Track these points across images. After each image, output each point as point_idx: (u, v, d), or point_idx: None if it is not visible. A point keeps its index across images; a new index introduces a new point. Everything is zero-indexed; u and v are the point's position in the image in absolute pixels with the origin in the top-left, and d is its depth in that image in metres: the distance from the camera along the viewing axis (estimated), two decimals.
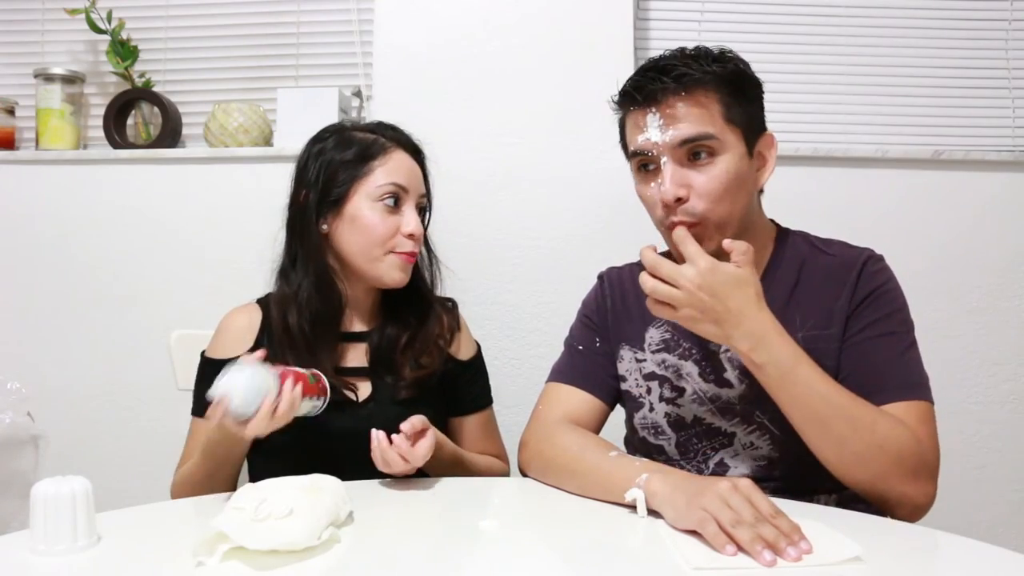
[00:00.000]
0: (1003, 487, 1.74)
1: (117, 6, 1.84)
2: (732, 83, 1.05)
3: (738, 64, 1.08)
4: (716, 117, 1.03)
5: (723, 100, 1.04)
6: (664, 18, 1.83)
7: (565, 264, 1.72)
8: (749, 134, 1.06)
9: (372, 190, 1.19)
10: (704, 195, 1.03)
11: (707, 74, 1.04)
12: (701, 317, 0.93)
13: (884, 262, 1.11)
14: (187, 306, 1.77)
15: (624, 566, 0.77)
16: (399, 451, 1.02)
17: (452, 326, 1.30)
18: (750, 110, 1.07)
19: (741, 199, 1.06)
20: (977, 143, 1.81)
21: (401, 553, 0.82)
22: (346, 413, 1.17)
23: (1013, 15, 1.82)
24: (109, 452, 1.79)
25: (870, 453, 0.93)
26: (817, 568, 0.75)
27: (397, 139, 1.25)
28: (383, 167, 1.20)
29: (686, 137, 1.02)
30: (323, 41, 1.87)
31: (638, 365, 1.17)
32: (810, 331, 1.07)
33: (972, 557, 0.82)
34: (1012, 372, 1.74)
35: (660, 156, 1.04)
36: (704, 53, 1.07)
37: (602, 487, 0.99)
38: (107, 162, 1.80)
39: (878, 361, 1.03)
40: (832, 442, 0.95)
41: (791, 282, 1.11)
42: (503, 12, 1.74)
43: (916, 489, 0.96)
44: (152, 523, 0.92)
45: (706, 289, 0.92)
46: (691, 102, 1.03)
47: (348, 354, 1.24)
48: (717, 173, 1.03)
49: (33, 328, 1.80)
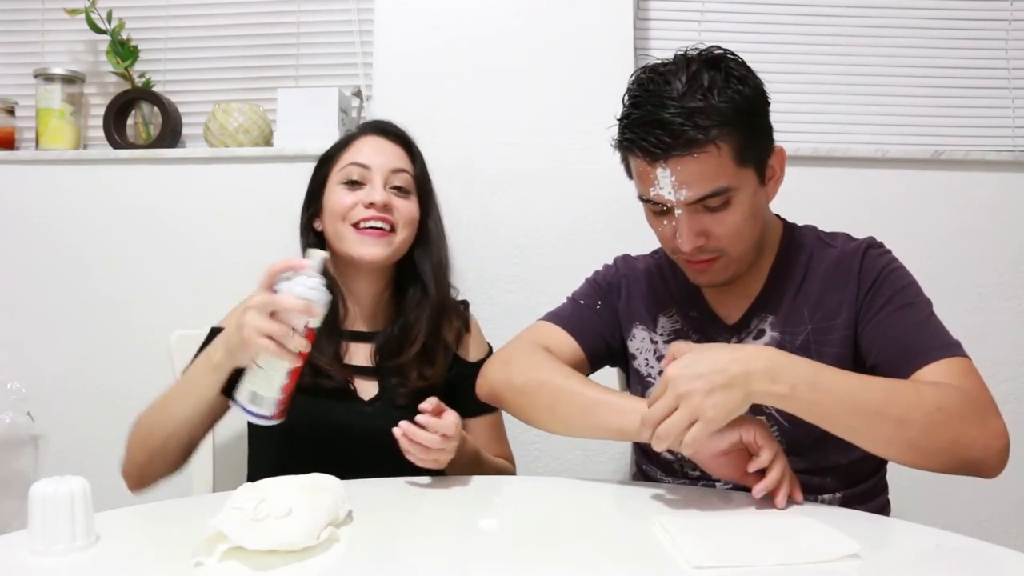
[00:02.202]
0: (1003, 487, 1.72)
1: (117, 6, 1.83)
2: (743, 121, 0.98)
3: (746, 87, 0.99)
4: (728, 167, 0.98)
5: (735, 145, 0.98)
6: (664, 18, 1.83)
7: (565, 264, 1.72)
8: (760, 164, 1.03)
9: (336, 175, 1.25)
10: (723, 237, 1.02)
11: (715, 122, 0.95)
12: (709, 392, 0.86)
13: (884, 247, 1.11)
14: (187, 306, 1.76)
15: (624, 566, 0.77)
16: (428, 424, 1.00)
17: (460, 329, 1.31)
18: (762, 142, 1.03)
19: (757, 226, 1.06)
20: (977, 143, 1.81)
21: (400, 553, 0.82)
22: (352, 410, 1.17)
23: (1013, 15, 1.82)
24: (109, 452, 1.77)
25: (930, 422, 0.88)
26: (815, 565, 0.75)
27: (373, 127, 1.30)
28: (348, 151, 1.26)
29: (699, 196, 0.99)
30: (323, 41, 1.87)
31: (652, 346, 1.18)
32: (819, 323, 1.08)
33: (972, 557, 0.82)
34: (1012, 372, 1.74)
35: (674, 208, 1.01)
36: (711, 81, 0.97)
37: (589, 411, 1.01)
38: (107, 162, 1.80)
39: (902, 332, 1.01)
40: (889, 430, 0.89)
41: (799, 276, 1.11)
42: (503, 12, 1.74)
43: (988, 435, 0.91)
44: (151, 523, 0.92)
45: (691, 366, 0.87)
46: (700, 162, 0.97)
47: (355, 353, 1.24)
48: (734, 217, 1.01)
49: (33, 328, 1.80)
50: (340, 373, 1.18)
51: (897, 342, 1.01)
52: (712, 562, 0.74)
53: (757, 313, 1.12)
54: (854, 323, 1.06)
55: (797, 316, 1.09)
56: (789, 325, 1.09)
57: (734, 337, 1.12)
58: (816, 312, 1.08)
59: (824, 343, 1.06)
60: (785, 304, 1.10)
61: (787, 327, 1.09)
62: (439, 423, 1.01)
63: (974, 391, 0.94)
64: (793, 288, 1.11)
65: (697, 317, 1.16)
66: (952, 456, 0.90)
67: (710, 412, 0.85)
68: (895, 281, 1.06)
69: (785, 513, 0.91)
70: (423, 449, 1.00)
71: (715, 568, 0.73)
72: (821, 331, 1.07)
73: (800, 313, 1.09)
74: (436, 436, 1.00)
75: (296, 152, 1.73)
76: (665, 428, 0.86)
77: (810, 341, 1.08)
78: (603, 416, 1.00)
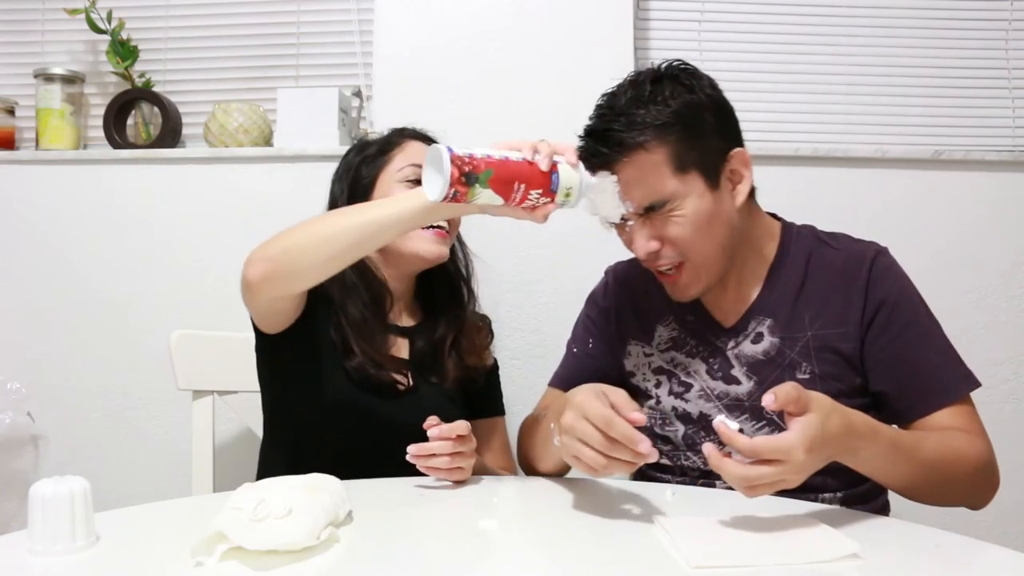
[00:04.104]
0: (1003, 487, 1.73)
1: (117, 6, 1.83)
2: (682, 126, 1.00)
3: (692, 95, 1.02)
4: (665, 174, 1.00)
5: (672, 151, 1.00)
6: (664, 18, 1.83)
7: (565, 264, 1.72)
8: (708, 168, 1.03)
9: (393, 173, 1.26)
10: (674, 243, 1.03)
11: (648, 127, 0.99)
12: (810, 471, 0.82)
13: (890, 257, 1.11)
14: (187, 306, 1.76)
15: (624, 566, 0.77)
16: (440, 433, 1.01)
17: (488, 339, 1.38)
18: (707, 144, 1.03)
19: (718, 231, 1.04)
20: (977, 143, 1.81)
21: (400, 553, 0.82)
22: (395, 400, 1.20)
23: (1013, 15, 1.82)
24: (109, 452, 1.79)
25: (968, 480, 1.00)
26: (815, 565, 0.75)
27: (410, 134, 1.33)
28: (401, 153, 1.28)
29: (641, 204, 1.02)
30: (323, 41, 1.87)
31: (647, 359, 1.18)
32: (819, 329, 1.07)
33: (972, 557, 0.82)
34: (1012, 372, 1.74)
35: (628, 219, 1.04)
36: (647, 94, 1.01)
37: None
38: (107, 162, 1.80)
39: (921, 365, 1.05)
40: (937, 489, 0.99)
41: (798, 279, 1.11)
42: (503, 12, 1.74)
43: (989, 494, 1.05)
44: (151, 523, 0.91)
45: (812, 452, 0.79)
46: (635, 167, 1.01)
47: (395, 344, 1.27)
48: (680, 222, 1.02)
49: (33, 328, 1.80)
50: (391, 371, 1.21)
51: (917, 376, 1.04)
52: (712, 562, 0.74)
53: (755, 315, 1.12)
54: (860, 338, 1.06)
55: (797, 322, 1.08)
56: (789, 331, 1.09)
57: (732, 340, 1.12)
58: (817, 319, 1.08)
59: (824, 350, 1.06)
60: (785, 308, 1.09)
61: (787, 332, 1.09)
62: (450, 426, 1.02)
63: (981, 441, 1.02)
64: (793, 291, 1.10)
65: (694, 321, 1.15)
66: (951, 503, 1.03)
67: (795, 482, 0.81)
68: (909, 305, 1.07)
69: (785, 513, 0.91)
70: (443, 459, 1.01)
71: (715, 568, 0.73)
72: (822, 339, 1.07)
73: (800, 319, 1.08)
74: (449, 441, 1.01)
75: (296, 152, 1.73)
76: (749, 481, 0.80)
77: (810, 348, 1.07)
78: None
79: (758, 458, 0.78)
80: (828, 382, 1.05)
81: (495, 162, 0.90)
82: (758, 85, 1.81)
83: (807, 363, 1.07)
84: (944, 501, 1.02)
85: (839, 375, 1.06)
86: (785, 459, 0.77)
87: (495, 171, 0.89)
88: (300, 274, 1.04)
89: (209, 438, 1.41)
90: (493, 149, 0.92)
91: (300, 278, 1.05)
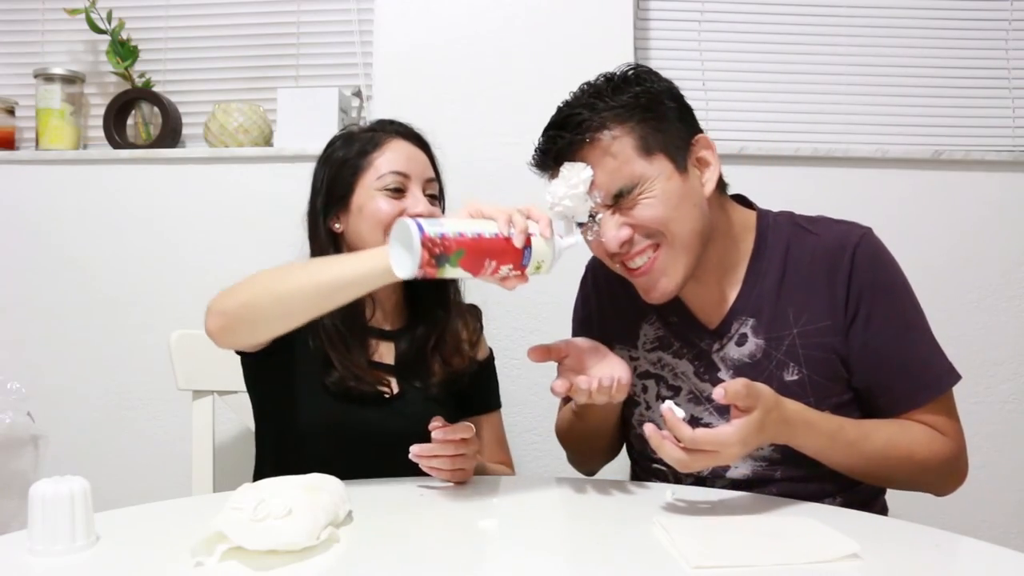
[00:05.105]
0: (1003, 487, 1.74)
1: (117, 6, 1.83)
2: (642, 109, 1.00)
3: (645, 85, 1.03)
4: (631, 157, 0.99)
5: (635, 131, 1.00)
6: (664, 18, 1.83)
7: (565, 263, 1.71)
8: (675, 152, 1.02)
9: (374, 180, 1.21)
10: (647, 224, 1.01)
11: (609, 110, 1.00)
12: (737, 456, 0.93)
13: (874, 240, 1.08)
14: (187, 306, 1.76)
15: (624, 566, 0.77)
16: (444, 435, 1.01)
17: (476, 330, 1.34)
18: (670, 128, 1.02)
19: (690, 213, 1.02)
20: (977, 143, 1.81)
21: (400, 553, 0.82)
22: (380, 409, 1.19)
23: (1013, 15, 1.82)
24: (109, 452, 1.79)
25: (913, 476, 1.04)
26: (815, 565, 0.75)
27: (395, 130, 1.27)
28: (382, 157, 1.22)
29: (606, 194, 1.00)
30: (323, 41, 1.87)
31: (632, 363, 1.14)
32: (805, 326, 1.05)
33: (972, 557, 0.82)
34: (1012, 372, 1.74)
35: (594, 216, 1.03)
36: (603, 87, 1.03)
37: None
38: (107, 162, 1.80)
39: (900, 366, 1.04)
40: (881, 480, 1.07)
41: (778, 273, 1.08)
42: (503, 12, 1.74)
43: (955, 481, 1.07)
44: (150, 523, 0.92)
45: (746, 445, 0.91)
46: (601, 150, 1.00)
47: (378, 350, 1.25)
48: (651, 203, 1.00)
49: (33, 328, 1.80)
50: (373, 379, 1.19)
51: (898, 372, 1.04)
52: (712, 562, 0.74)
53: (737, 316, 1.08)
54: (844, 329, 1.04)
55: (781, 320, 1.06)
56: (773, 330, 1.06)
57: (716, 342, 1.09)
58: (802, 315, 1.05)
59: (810, 347, 1.04)
60: (767, 306, 1.06)
61: (771, 332, 1.06)
62: (455, 427, 1.02)
63: (955, 440, 1.05)
64: (773, 286, 1.07)
65: (678, 323, 1.12)
66: (903, 489, 1.08)
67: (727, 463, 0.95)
68: (890, 296, 1.05)
69: (785, 513, 0.91)
70: (445, 460, 1.02)
71: (715, 568, 0.73)
72: (807, 335, 1.04)
73: (784, 317, 1.06)
74: (452, 442, 1.01)
75: (296, 152, 1.73)
76: (686, 465, 0.90)
77: (796, 347, 1.05)
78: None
79: (697, 448, 0.87)
80: (818, 385, 1.04)
81: (467, 241, 0.87)
82: (758, 85, 1.81)
83: (795, 364, 1.04)
84: (894, 487, 1.10)
85: (830, 374, 1.04)
86: (720, 451, 0.88)
87: (467, 251, 0.87)
88: (259, 330, 1.04)
89: (209, 438, 1.41)
90: (465, 221, 0.89)
91: (259, 332, 1.05)
